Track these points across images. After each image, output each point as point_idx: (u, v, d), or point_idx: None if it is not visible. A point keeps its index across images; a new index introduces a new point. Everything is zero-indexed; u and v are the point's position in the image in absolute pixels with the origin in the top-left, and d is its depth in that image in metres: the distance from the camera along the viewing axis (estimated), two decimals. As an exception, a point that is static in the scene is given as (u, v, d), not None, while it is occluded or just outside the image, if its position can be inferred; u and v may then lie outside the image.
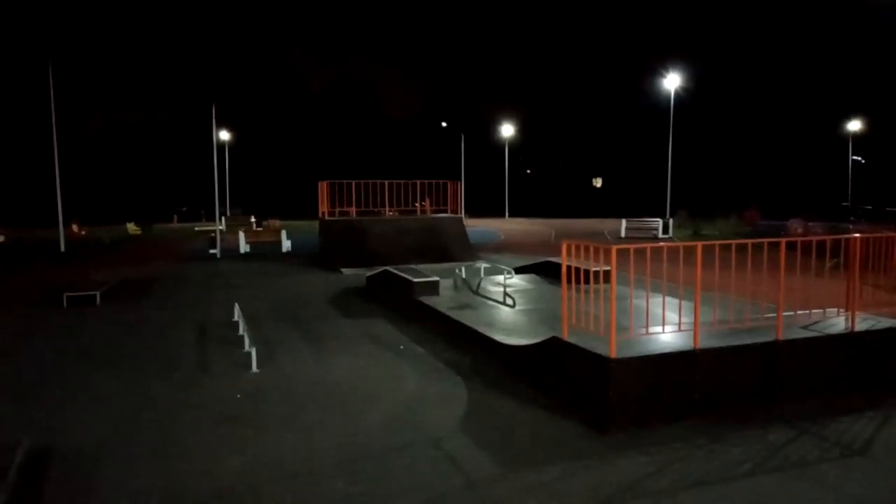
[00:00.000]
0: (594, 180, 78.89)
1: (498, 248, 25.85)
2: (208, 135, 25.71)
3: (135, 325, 11.82)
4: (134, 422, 6.92)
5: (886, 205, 43.68)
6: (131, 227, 39.65)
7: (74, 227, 35.81)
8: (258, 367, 8.69)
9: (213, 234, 24.74)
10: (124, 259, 23.97)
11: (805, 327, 7.39)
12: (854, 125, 51.18)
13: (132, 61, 70.77)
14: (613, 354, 6.20)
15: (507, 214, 56.09)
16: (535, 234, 35.22)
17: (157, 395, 7.76)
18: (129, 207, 49.02)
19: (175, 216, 51.46)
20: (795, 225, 32.96)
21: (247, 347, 9.21)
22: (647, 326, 6.74)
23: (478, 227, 38.70)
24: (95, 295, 13.97)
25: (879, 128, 51.96)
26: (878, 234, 7.75)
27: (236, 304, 11.66)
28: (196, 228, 40.90)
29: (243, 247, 24.07)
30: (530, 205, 61.34)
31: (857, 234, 7.74)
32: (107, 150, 62.51)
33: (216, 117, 25.56)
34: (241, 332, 10.22)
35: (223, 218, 38.08)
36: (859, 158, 54.47)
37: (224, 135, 49.11)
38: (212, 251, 23.74)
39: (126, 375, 8.59)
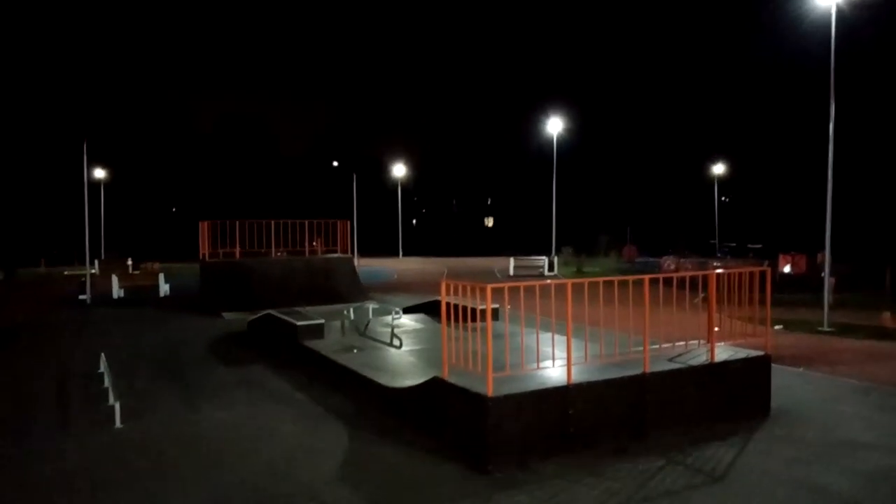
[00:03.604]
0: (486, 220, 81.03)
1: (391, 288, 25.71)
2: (80, 173, 24.15)
3: (-16, 380, 10.70)
4: (-29, 492, 6.21)
5: (748, 241, 47.59)
6: (-10, 272, 36.26)
7: (-79, 273, 32.33)
8: (123, 421, 8.07)
9: (83, 279, 23.06)
10: (-21, 307, 21.84)
11: (671, 359, 7.78)
12: (719, 168, 55.67)
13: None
14: (490, 393, 6.24)
15: (401, 254, 56.18)
16: (428, 273, 35.39)
17: (6, 459, 7.01)
18: (-11, 251, 44.87)
19: (42, 260, 47.49)
20: (669, 262, 35.14)
21: (111, 401, 8.54)
22: (522, 364, 6.85)
23: (372, 266, 38.45)
24: (-61, 349, 12.60)
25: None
26: (734, 270, 8.35)
27: (102, 354, 10.84)
28: (65, 273, 37.94)
29: (116, 292, 22.55)
30: (425, 244, 61.84)
31: (714, 270, 8.31)
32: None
33: (89, 154, 24.09)
34: (105, 384, 9.48)
35: (96, 261, 35.62)
36: (725, 198, 59.18)
37: (99, 173, 46.30)
38: (81, 297, 22.05)
39: (-33, 438, 7.73)
